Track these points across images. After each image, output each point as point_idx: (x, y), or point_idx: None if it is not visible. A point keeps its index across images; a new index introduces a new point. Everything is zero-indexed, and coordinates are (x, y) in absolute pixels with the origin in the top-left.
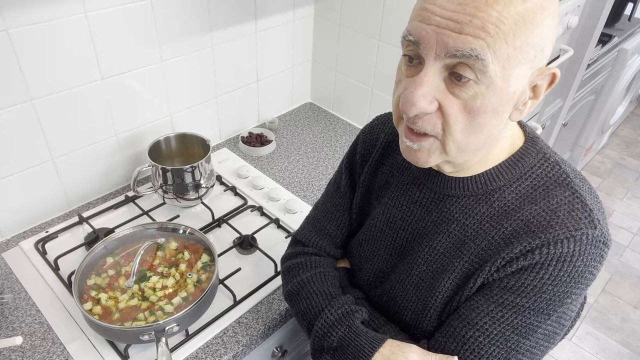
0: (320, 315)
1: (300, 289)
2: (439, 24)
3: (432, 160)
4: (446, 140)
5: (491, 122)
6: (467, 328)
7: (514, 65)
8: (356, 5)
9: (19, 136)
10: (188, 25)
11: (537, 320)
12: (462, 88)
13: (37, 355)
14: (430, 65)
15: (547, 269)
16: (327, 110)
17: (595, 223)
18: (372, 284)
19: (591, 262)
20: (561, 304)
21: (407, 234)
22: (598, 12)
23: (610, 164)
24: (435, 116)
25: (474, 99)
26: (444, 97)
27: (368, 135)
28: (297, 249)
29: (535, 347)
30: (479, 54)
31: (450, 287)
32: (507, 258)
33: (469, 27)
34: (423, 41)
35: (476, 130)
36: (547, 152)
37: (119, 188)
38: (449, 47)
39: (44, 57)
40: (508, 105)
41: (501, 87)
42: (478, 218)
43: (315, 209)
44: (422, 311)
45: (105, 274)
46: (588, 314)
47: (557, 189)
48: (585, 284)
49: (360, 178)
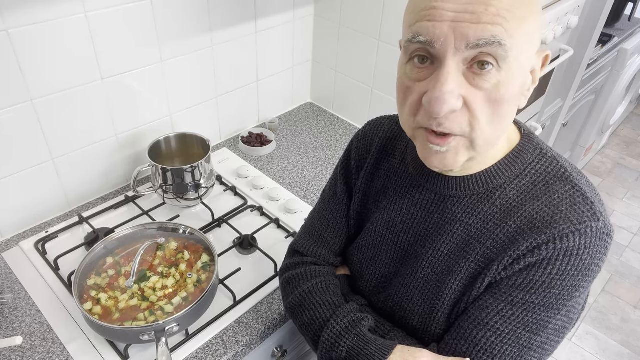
0: (327, 326)
1: (303, 301)
2: (454, 19)
3: (460, 159)
4: (475, 136)
5: (513, 109)
6: (478, 329)
7: (525, 49)
8: (356, 5)
9: (19, 136)
10: (188, 25)
11: (547, 316)
12: (484, 77)
13: (37, 355)
14: (450, 62)
15: (555, 264)
16: (327, 110)
17: (597, 215)
18: (375, 289)
19: (597, 254)
20: (570, 297)
21: (409, 237)
22: (598, 12)
23: (610, 164)
24: (461, 113)
25: (497, 88)
26: (467, 91)
27: (362, 140)
28: (295, 260)
29: (546, 343)
30: (500, 40)
31: (458, 289)
32: (514, 256)
33: (486, 16)
34: (437, 39)
35: (501, 120)
36: (543, 148)
37: (119, 188)
38: (470, 38)
39: (44, 57)
40: (521, 91)
41: (519, 73)
42: (481, 217)
43: (312, 218)
44: (429, 314)
45: (105, 274)
46: (588, 314)
47: (557, 184)
48: (592, 276)
49: (357, 184)
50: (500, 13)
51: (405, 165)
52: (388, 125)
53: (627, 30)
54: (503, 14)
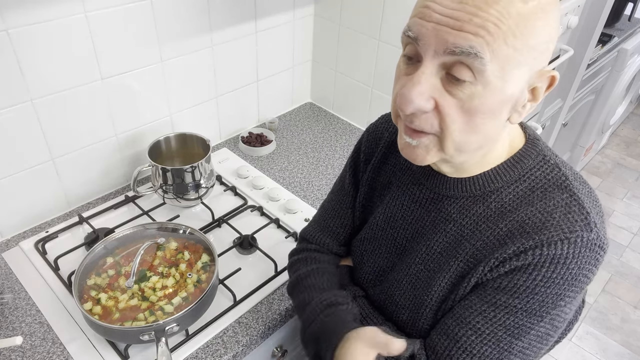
0: (309, 304)
1: (298, 283)
2: (438, 21)
3: (429, 157)
4: (444, 139)
5: (488, 122)
6: (460, 326)
7: (513, 66)
8: (356, 5)
9: (19, 136)
10: (188, 25)
11: (529, 321)
12: (459, 87)
13: (37, 355)
14: (428, 63)
15: (540, 270)
16: (327, 110)
17: (591, 226)
18: (372, 282)
19: (586, 265)
20: (554, 306)
21: (407, 233)
22: (598, 12)
23: (610, 164)
24: (432, 115)
25: (470, 99)
26: (440, 96)
27: (372, 134)
28: (301, 246)
29: (528, 349)
30: (477, 52)
31: (446, 286)
32: (500, 258)
33: (469, 25)
34: (422, 37)
35: (473, 130)
36: (547, 154)
37: (119, 188)
38: (447, 44)
39: (44, 57)
40: (506, 107)
41: (499, 88)
42: (474, 218)
43: (322, 207)
44: (418, 310)
45: (105, 274)
46: (588, 314)
47: (555, 191)
48: (579, 287)
49: (364, 177)
50: (485, 25)
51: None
52: None
53: (627, 30)
54: (489, 27)
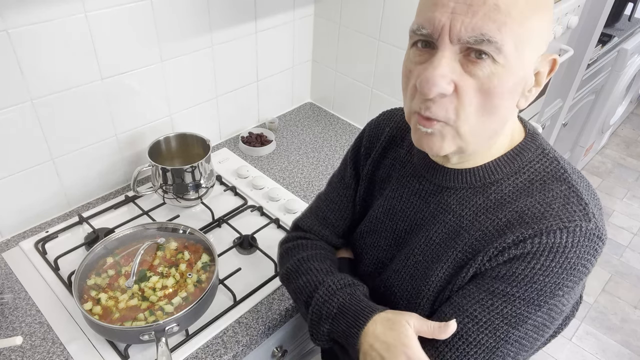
0: (322, 284)
1: (299, 267)
2: (453, 10)
3: (446, 145)
4: (460, 124)
5: (505, 104)
6: (457, 314)
7: (525, 47)
8: (356, 5)
9: (19, 136)
10: (188, 25)
11: (527, 310)
12: (479, 66)
13: (37, 355)
14: (446, 47)
15: (539, 259)
16: (327, 110)
17: (589, 216)
18: (372, 274)
19: (584, 255)
20: (552, 295)
21: (406, 225)
22: (598, 12)
23: (610, 164)
24: (449, 100)
25: (490, 79)
26: (460, 77)
27: (374, 129)
28: (297, 234)
29: (524, 338)
30: (490, 37)
31: (444, 277)
32: (499, 248)
33: (483, 9)
34: (436, 30)
35: (490, 112)
36: (546, 148)
37: (119, 188)
38: (461, 33)
39: (44, 57)
40: (518, 89)
41: (515, 68)
42: (474, 209)
43: (318, 199)
44: (415, 299)
45: (105, 274)
46: (588, 314)
47: (553, 183)
48: (577, 277)
49: (364, 171)
50: (499, 7)
51: (411, 155)
52: (400, 116)
53: (627, 30)
54: (502, 9)
